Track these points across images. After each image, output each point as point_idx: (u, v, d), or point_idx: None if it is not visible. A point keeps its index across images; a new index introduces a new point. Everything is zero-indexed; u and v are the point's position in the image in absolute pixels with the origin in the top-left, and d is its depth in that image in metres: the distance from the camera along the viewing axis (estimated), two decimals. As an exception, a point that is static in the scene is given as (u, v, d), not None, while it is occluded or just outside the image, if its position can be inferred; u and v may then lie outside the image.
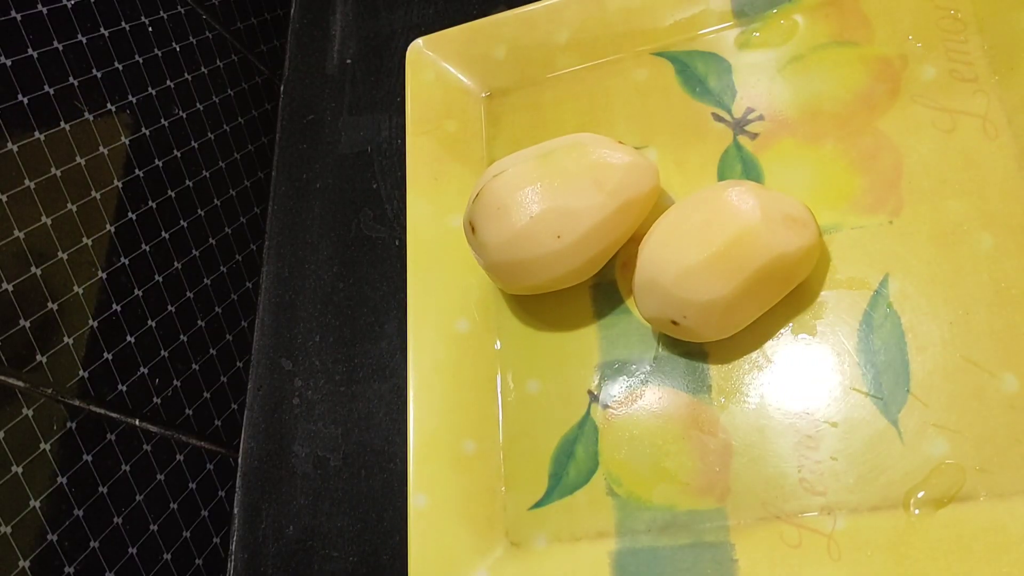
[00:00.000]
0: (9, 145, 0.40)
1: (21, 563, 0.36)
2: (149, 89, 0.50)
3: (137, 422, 0.44)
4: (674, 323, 0.32)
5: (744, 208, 0.31)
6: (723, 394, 0.33)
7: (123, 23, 0.49)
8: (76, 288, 0.42)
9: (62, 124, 0.43)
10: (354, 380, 0.42)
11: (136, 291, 0.46)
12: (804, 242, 0.31)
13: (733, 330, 0.33)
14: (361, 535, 0.39)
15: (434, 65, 0.44)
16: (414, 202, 0.41)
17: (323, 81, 0.51)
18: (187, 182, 0.52)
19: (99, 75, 0.46)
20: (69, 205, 0.43)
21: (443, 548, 0.34)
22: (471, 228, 0.35)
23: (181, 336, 0.49)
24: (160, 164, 0.50)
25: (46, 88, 0.43)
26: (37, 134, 0.42)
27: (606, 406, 0.35)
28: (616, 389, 0.35)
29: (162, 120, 0.51)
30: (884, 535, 0.29)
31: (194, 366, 0.49)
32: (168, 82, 0.52)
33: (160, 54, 0.51)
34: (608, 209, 0.33)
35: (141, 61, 0.50)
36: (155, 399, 0.46)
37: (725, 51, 0.39)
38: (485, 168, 0.41)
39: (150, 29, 0.51)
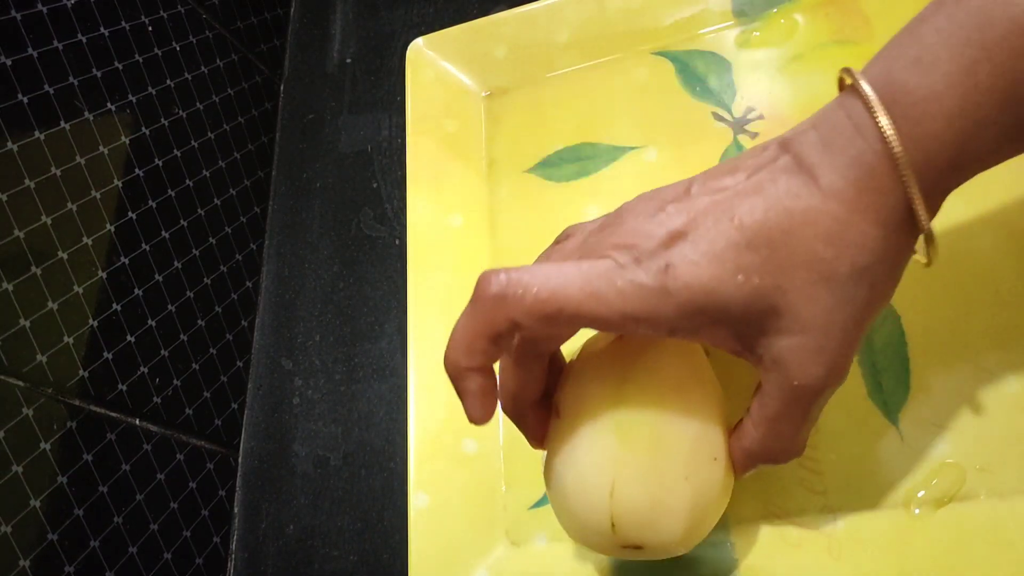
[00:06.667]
0: (9, 145, 0.40)
1: (21, 562, 0.36)
2: (149, 89, 0.50)
3: (137, 421, 0.44)
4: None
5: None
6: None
7: (123, 22, 0.49)
8: (76, 288, 0.42)
9: (62, 124, 0.43)
10: (354, 379, 0.42)
11: (136, 291, 0.46)
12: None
13: None
14: (361, 534, 0.39)
15: (434, 64, 0.44)
16: (414, 201, 0.41)
17: (323, 80, 0.51)
18: (187, 181, 0.52)
19: (99, 75, 0.46)
20: (69, 205, 0.43)
21: (443, 547, 0.34)
22: None
23: (181, 335, 0.49)
24: (160, 164, 0.50)
25: (46, 88, 0.43)
26: (37, 134, 0.42)
27: (606, 406, 0.35)
28: (616, 389, 0.35)
29: (162, 119, 0.51)
30: (884, 535, 0.29)
31: (194, 366, 0.49)
32: (168, 81, 0.52)
33: (160, 53, 0.51)
34: None
35: (141, 61, 0.50)
36: (155, 399, 0.46)
37: (725, 50, 0.39)
38: (485, 167, 0.41)
39: (150, 29, 0.51)
